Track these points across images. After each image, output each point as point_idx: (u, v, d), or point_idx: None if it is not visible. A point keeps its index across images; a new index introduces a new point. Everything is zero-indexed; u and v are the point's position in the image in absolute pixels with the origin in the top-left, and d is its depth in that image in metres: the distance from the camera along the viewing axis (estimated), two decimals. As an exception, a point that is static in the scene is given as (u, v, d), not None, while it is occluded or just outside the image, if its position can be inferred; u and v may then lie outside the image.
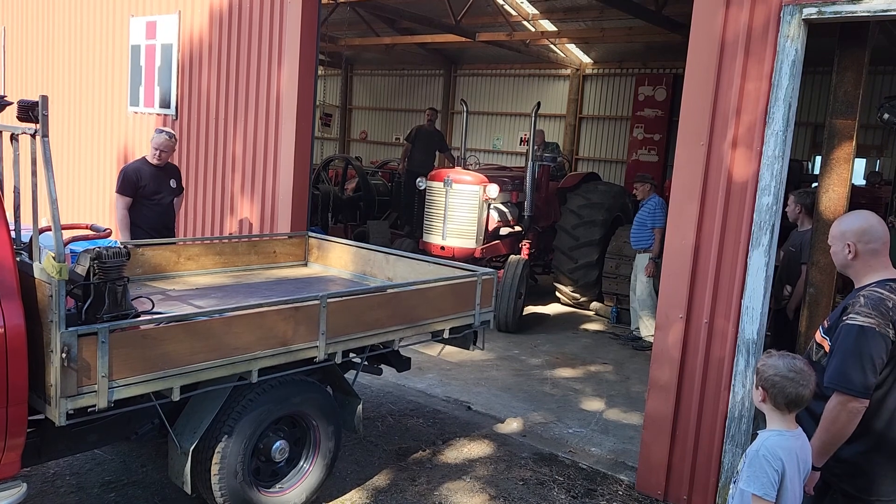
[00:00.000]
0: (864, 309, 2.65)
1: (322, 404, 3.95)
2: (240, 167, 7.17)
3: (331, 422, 3.99)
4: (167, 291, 4.60)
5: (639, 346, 7.95)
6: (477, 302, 4.62)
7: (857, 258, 2.78)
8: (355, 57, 18.54)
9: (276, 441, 3.76)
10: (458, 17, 12.07)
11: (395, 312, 4.13)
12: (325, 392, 4.03)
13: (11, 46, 10.44)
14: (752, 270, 4.09)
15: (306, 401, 3.85)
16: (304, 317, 3.62)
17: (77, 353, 2.82)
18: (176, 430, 3.46)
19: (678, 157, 4.41)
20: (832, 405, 2.65)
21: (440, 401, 5.93)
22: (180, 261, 5.12)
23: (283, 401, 3.73)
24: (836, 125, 4.16)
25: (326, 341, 3.73)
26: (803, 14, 3.88)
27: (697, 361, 4.35)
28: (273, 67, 6.75)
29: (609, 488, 4.61)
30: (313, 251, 5.83)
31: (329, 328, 3.73)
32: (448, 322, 4.49)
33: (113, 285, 3.09)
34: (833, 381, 2.65)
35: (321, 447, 3.97)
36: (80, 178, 9.35)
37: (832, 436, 2.66)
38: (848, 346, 2.63)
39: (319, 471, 3.98)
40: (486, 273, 4.73)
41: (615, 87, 15.29)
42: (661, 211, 7.78)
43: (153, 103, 8.10)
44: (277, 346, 3.53)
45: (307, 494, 3.94)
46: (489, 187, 8.29)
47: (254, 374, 3.47)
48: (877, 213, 2.94)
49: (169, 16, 7.81)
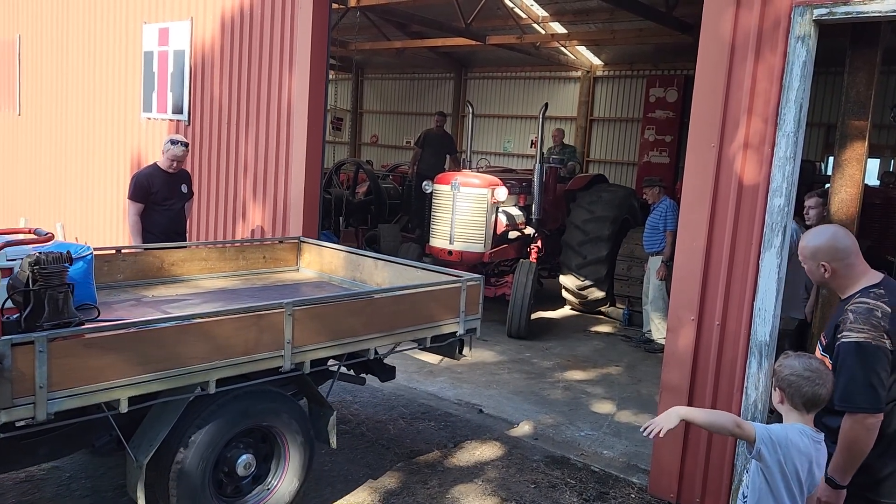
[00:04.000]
0: (855, 325, 2.63)
1: (291, 417, 3.75)
2: (251, 172, 7.21)
3: (301, 435, 3.79)
4: (143, 298, 4.46)
5: (650, 348, 7.92)
6: (462, 309, 4.41)
7: (834, 275, 2.78)
8: (366, 61, 18.60)
9: (242, 454, 3.60)
10: (468, 21, 12.08)
11: (371, 320, 3.93)
12: (294, 404, 3.82)
13: (27, 54, 10.57)
14: (765, 272, 4.07)
15: (273, 413, 3.67)
16: (268, 325, 3.44)
17: (12, 363, 2.68)
18: (133, 443, 3.32)
19: (689, 159, 4.40)
20: (847, 426, 2.62)
21: (451, 403, 5.94)
22: (164, 266, 5.00)
23: (246, 413, 3.56)
24: (849, 126, 4.14)
25: (293, 351, 3.54)
26: (814, 14, 3.86)
27: (709, 364, 4.34)
28: (284, 72, 6.79)
29: (621, 491, 4.60)
30: (305, 256, 5.73)
31: (296, 337, 3.54)
32: (430, 330, 4.27)
33: (54, 292, 2.95)
34: (844, 403, 2.62)
35: (290, 462, 3.79)
36: (92, 184, 9.44)
37: (853, 455, 2.63)
38: (850, 365, 2.61)
39: (289, 487, 3.80)
40: (472, 279, 4.51)
41: (626, 89, 15.25)
42: (672, 213, 7.76)
43: (166, 109, 8.17)
44: (238, 355, 3.35)
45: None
46: (497, 190, 8.19)
47: (211, 385, 3.29)
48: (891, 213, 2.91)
49: (181, 22, 7.88)
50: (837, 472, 2.64)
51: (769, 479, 2.49)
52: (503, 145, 16.98)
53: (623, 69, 15.17)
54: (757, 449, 2.46)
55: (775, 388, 2.57)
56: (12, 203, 11.16)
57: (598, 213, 9.00)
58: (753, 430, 2.49)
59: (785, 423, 2.57)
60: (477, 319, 4.55)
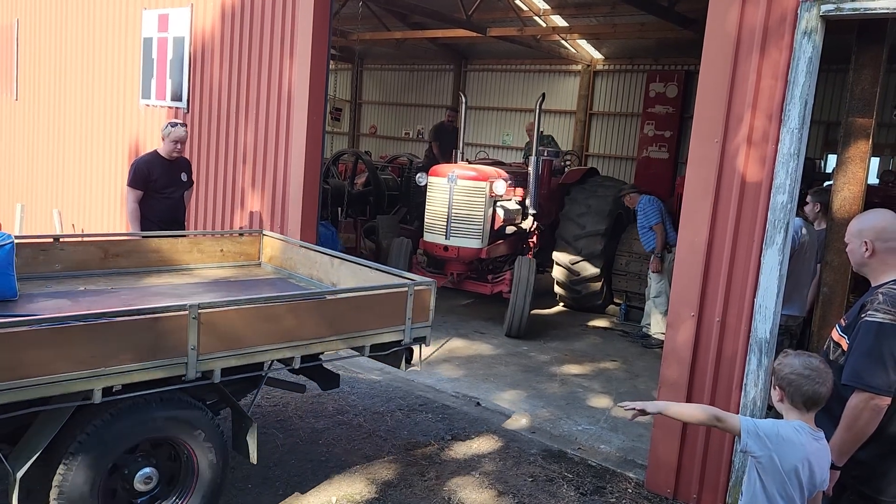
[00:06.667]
0: (883, 306, 2.61)
1: (199, 429, 3.43)
2: (250, 161, 7.18)
3: (213, 450, 3.49)
4: (72, 292, 4.15)
5: (647, 343, 7.93)
6: (408, 316, 4.02)
7: (874, 256, 2.74)
8: (366, 51, 18.51)
9: (143, 468, 3.30)
10: (469, 12, 12.03)
11: (295, 326, 3.57)
12: (204, 414, 3.49)
13: (25, 38, 10.48)
14: (766, 269, 4.07)
15: (177, 424, 3.35)
16: (167, 329, 3.11)
17: None
18: (12, 454, 3.06)
19: (692, 155, 4.38)
20: (853, 403, 2.61)
21: (449, 396, 5.93)
22: (107, 258, 4.72)
23: (144, 424, 3.25)
24: (853, 123, 4.13)
25: (199, 358, 3.20)
26: (821, 10, 3.84)
27: (709, 360, 4.33)
28: (285, 61, 6.75)
29: (618, 486, 4.60)
30: (266, 251, 5.43)
31: (203, 343, 3.20)
32: (368, 338, 3.89)
33: None
34: (853, 379, 2.61)
35: (199, 479, 3.48)
36: (90, 171, 9.39)
37: (853, 434, 2.62)
38: (867, 343, 2.60)
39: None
40: (422, 284, 4.11)
41: (626, 84, 15.21)
42: (650, 207, 7.82)
43: (165, 96, 8.12)
44: (130, 362, 3.02)
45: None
46: (496, 183, 7.89)
47: (96, 394, 2.95)
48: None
49: (181, 9, 7.82)
50: (834, 452, 2.62)
51: (762, 474, 2.48)
52: (502, 138, 16.94)
53: (623, 63, 15.13)
54: (744, 442, 2.46)
55: (775, 386, 2.56)
56: (9, 189, 11.09)
57: (593, 208, 8.85)
58: (738, 422, 2.49)
59: (785, 419, 2.55)
60: (426, 327, 4.15)
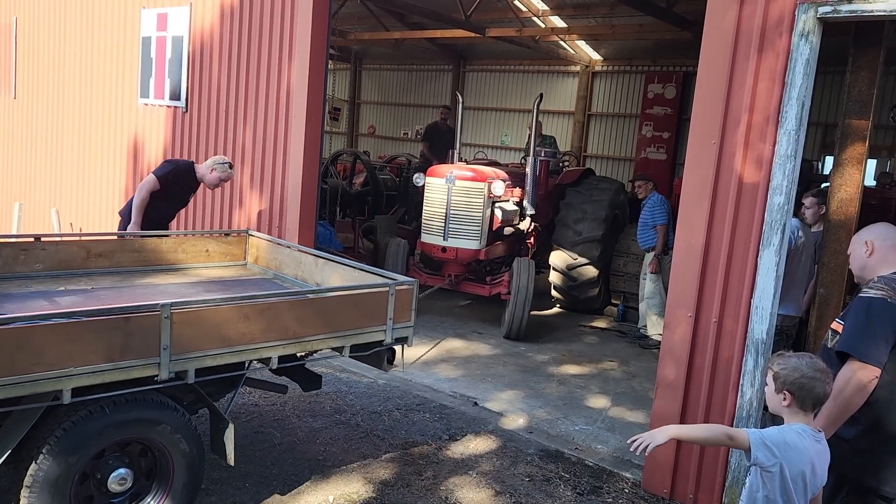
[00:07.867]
0: (877, 284, 2.76)
1: (174, 430, 3.40)
2: (249, 161, 7.18)
3: (188, 451, 3.46)
4: (50, 291, 4.14)
5: (645, 344, 7.95)
6: (389, 316, 4.01)
7: (874, 254, 2.88)
8: (364, 51, 18.53)
9: (117, 469, 3.27)
10: (467, 13, 12.04)
11: (271, 326, 3.53)
12: (179, 414, 3.47)
13: (23, 37, 10.47)
14: (763, 270, 4.08)
15: (151, 426, 3.33)
16: (138, 329, 3.07)
17: None
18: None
19: (689, 156, 4.40)
20: (843, 372, 2.70)
21: (447, 396, 5.94)
22: (90, 258, 4.69)
23: (117, 425, 3.23)
24: (850, 125, 4.14)
25: (171, 358, 3.17)
26: (818, 12, 3.86)
27: (705, 360, 4.35)
28: (283, 61, 6.75)
29: (615, 486, 4.61)
30: (252, 251, 5.41)
31: (176, 342, 3.17)
32: (348, 338, 3.87)
33: None
34: (845, 347, 2.72)
35: (174, 481, 3.45)
36: (89, 170, 9.38)
37: (840, 403, 2.69)
38: (859, 315, 2.72)
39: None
40: (404, 283, 4.09)
41: (624, 85, 15.24)
42: (660, 208, 7.81)
43: (163, 95, 8.12)
44: (100, 362, 2.98)
45: None
46: (494, 184, 7.84)
47: (66, 395, 2.93)
48: (887, 214, 2.99)
49: (180, 8, 7.82)
50: (822, 420, 2.68)
51: (767, 482, 2.45)
52: (500, 138, 16.95)
53: (622, 64, 15.16)
54: (754, 456, 2.44)
55: (781, 391, 2.49)
56: (7, 188, 11.08)
57: (590, 213, 8.80)
58: (747, 437, 2.46)
59: (788, 423, 2.53)
60: (409, 327, 4.14)
